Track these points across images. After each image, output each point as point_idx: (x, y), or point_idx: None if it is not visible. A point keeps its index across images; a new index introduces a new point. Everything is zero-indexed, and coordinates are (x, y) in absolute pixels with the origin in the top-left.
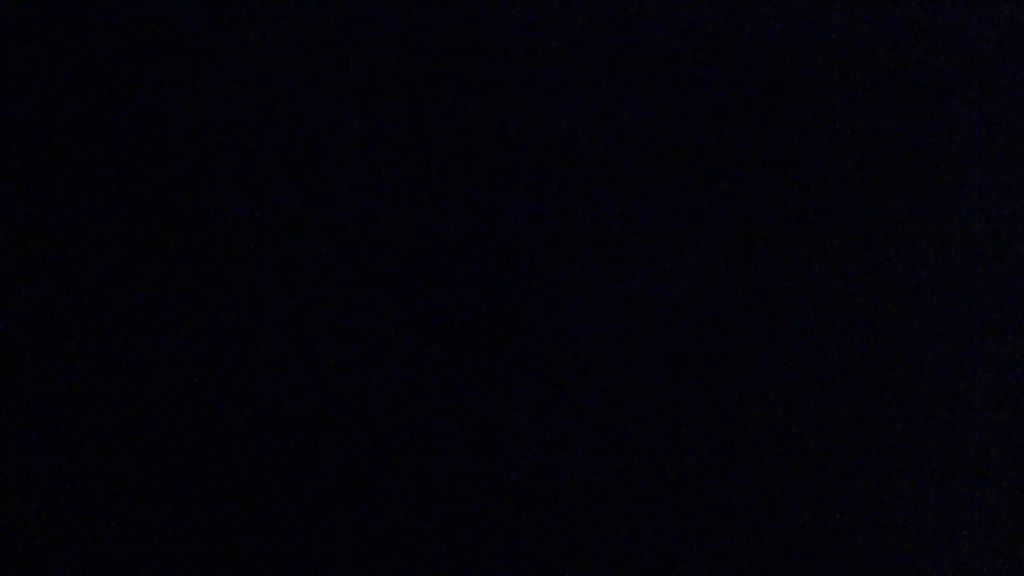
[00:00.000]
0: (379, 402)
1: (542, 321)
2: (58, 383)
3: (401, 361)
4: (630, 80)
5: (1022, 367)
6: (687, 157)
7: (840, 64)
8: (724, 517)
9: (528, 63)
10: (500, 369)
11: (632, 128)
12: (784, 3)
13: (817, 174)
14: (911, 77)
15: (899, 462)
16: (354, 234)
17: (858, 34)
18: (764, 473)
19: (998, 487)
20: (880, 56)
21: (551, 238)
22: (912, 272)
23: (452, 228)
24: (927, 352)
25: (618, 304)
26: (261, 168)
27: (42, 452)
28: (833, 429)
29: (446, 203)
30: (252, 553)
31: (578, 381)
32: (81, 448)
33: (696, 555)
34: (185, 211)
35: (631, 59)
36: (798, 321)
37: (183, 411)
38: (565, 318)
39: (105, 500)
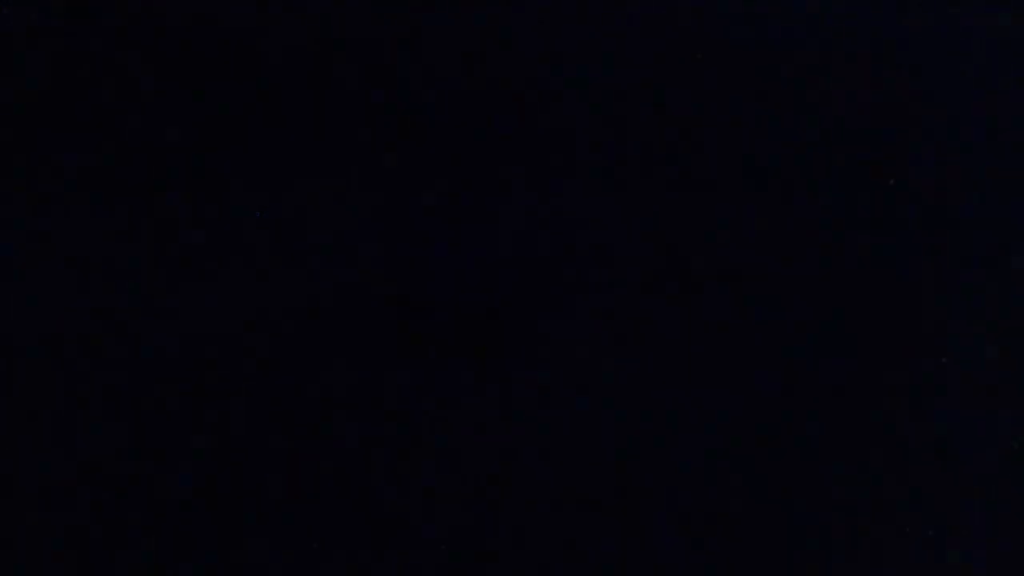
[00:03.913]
0: (378, 403)
1: (541, 322)
2: (55, 379)
3: (400, 361)
4: (630, 80)
5: (1022, 367)
6: (686, 157)
7: (840, 63)
8: (724, 517)
9: (529, 62)
10: (499, 369)
11: (632, 128)
12: (784, 3)
13: (816, 174)
14: (911, 77)
15: (899, 463)
16: (354, 234)
17: (858, 34)
18: (764, 473)
19: (998, 487)
20: (880, 56)
21: (550, 238)
22: (912, 273)
23: (452, 228)
24: (927, 352)
25: (617, 304)
26: (261, 168)
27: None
28: (833, 430)
29: (446, 203)
30: (251, 553)
31: (577, 382)
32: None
33: (696, 555)
34: (185, 211)
35: (630, 59)
36: (797, 322)
37: (180, 412)
38: (564, 319)
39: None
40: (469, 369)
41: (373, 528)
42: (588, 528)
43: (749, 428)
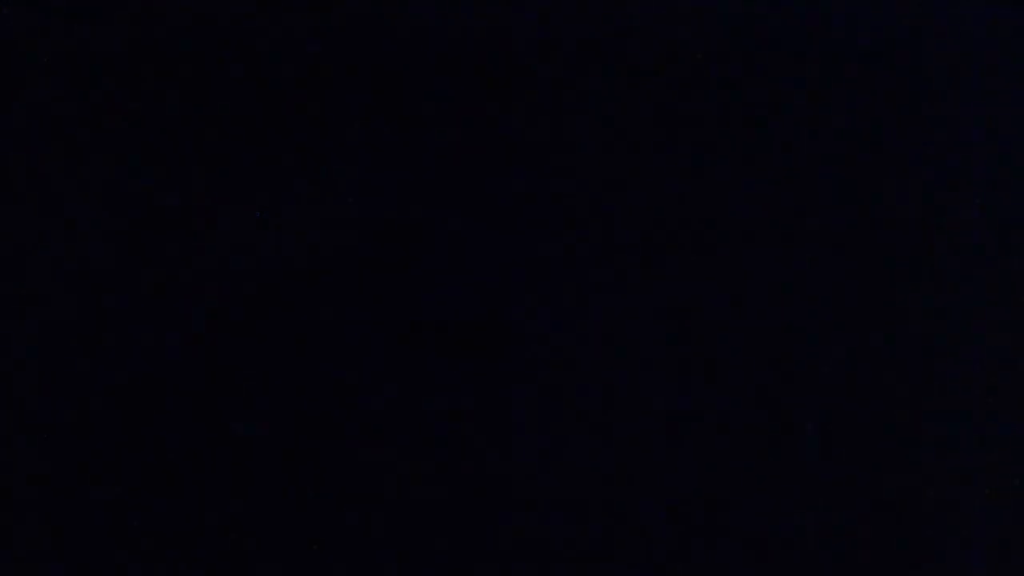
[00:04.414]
0: (379, 404)
1: (541, 323)
2: (56, 381)
3: (401, 363)
4: (630, 80)
5: (1022, 367)
6: (687, 157)
7: (840, 64)
8: (725, 517)
9: (528, 63)
10: (499, 372)
11: (632, 129)
12: (784, 3)
13: (817, 174)
14: (911, 77)
15: (899, 463)
16: (354, 234)
17: (858, 34)
18: (764, 474)
19: (998, 487)
20: (880, 56)
21: (550, 239)
22: (912, 272)
23: (452, 229)
24: (927, 352)
25: (617, 305)
26: (261, 168)
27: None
28: (833, 430)
29: (446, 203)
30: (250, 553)
31: (577, 383)
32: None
33: (697, 556)
34: (185, 211)
35: (631, 59)
36: (798, 322)
37: (179, 413)
38: (564, 320)
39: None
40: (469, 369)
41: (373, 527)
42: (587, 528)
43: (750, 428)
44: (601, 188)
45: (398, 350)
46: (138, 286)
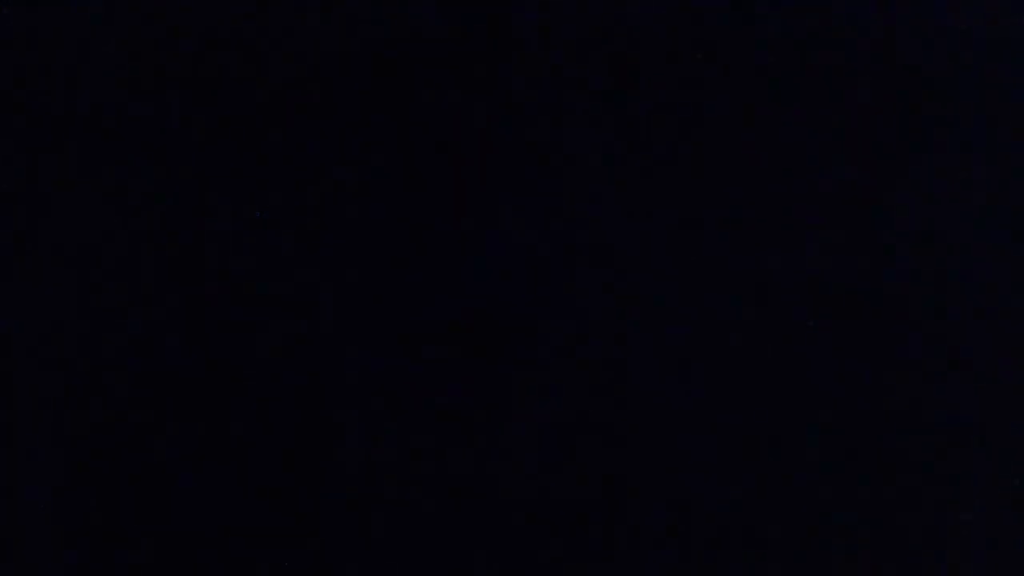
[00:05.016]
0: (378, 406)
1: (542, 324)
2: (57, 383)
3: (400, 365)
4: (630, 80)
5: (1022, 365)
6: (687, 157)
7: (840, 64)
8: (725, 519)
9: (528, 63)
10: (499, 373)
11: (632, 128)
12: (784, 3)
13: (816, 174)
14: (911, 77)
15: (898, 463)
16: (354, 235)
17: (858, 34)
18: (764, 475)
19: (998, 487)
20: (880, 56)
21: (551, 240)
22: (912, 272)
23: (452, 230)
24: (927, 352)
25: (617, 306)
26: (261, 168)
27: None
28: (832, 430)
29: (446, 204)
30: (251, 557)
31: (577, 385)
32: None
33: (697, 556)
34: (183, 212)
35: (631, 59)
36: (797, 321)
37: (176, 412)
38: (564, 321)
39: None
40: (469, 369)
41: (372, 527)
42: (586, 530)
43: (750, 429)
44: (601, 188)
45: (397, 350)
46: (137, 286)
